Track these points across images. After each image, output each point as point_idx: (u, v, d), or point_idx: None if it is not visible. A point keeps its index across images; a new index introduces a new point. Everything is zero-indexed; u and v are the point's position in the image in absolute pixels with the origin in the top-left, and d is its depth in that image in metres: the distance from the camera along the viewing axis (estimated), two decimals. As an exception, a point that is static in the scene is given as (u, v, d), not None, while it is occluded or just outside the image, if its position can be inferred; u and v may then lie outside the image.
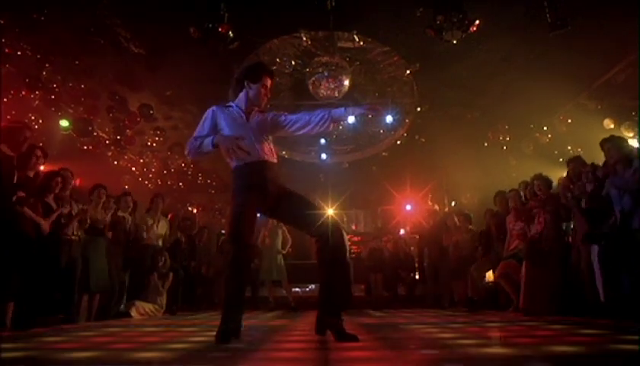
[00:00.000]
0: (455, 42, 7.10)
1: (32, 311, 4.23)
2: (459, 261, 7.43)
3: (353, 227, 15.33)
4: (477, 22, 6.80)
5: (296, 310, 7.76)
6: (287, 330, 4.10)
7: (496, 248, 6.74)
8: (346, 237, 3.09)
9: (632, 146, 4.87)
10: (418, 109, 10.83)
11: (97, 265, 5.60)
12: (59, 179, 4.86)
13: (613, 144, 4.63)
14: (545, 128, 10.94)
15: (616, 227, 4.37)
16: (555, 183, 6.09)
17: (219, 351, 2.56)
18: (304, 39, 9.50)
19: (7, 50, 7.78)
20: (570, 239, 5.80)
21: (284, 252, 8.69)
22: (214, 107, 3.35)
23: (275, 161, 3.29)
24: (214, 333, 2.96)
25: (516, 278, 5.74)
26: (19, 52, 8.00)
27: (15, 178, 4.16)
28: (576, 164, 5.60)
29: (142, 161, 12.55)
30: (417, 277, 9.19)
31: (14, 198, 4.10)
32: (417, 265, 9.21)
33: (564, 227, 5.71)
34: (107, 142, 11.09)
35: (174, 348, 2.81)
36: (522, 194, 6.40)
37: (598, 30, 7.15)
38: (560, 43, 7.33)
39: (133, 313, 6.20)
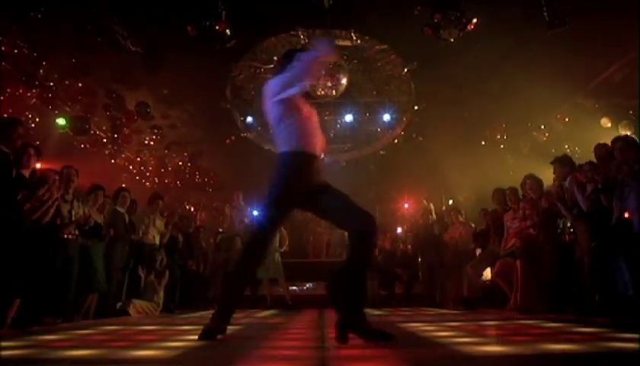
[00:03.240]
0: (452, 40, 7.12)
1: (31, 310, 4.22)
2: (455, 257, 7.46)
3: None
4: (474, 20, 6.82)
5: (292, 308, 7.77)
6: (285, 328, 4.10)
7: (493, 246, 6.74)
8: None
9: None
10: (416, 107, 10.85)
11: (95, 266, 5.58)
12: (57, 177, 4.83)
13: (625, 143, 4.61)
14: (542, 127, 10.96)
15: (615, 224, 4.36)
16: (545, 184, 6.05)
17: (216, 350, 2.56)
18: (301, 37, 9.50)
19: (3, 48, 7.75)
20: (566, 237, 5.80)
21: (282, 250, 8.70)
22: None
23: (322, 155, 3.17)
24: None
25: (514, 277, 5.75)
26: (15, 50, 7.98)
27: (14, 173, 4.12)
28: (560, 164, 5.48)
29: (139, 159, 12.53)
30: (419, 274, 9.19)
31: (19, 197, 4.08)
32: (419, 262, 9.22)
33: (560, 225, 5.71)
34: (105, 140, 11.06)
35: (171, 347, 2.81)
36: (520, 191, 6.36)
37: (595, 29, 7.16)
38: (557, 43, 7.34)
39: (131, 311, 6.20)
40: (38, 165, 4.97)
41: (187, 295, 7.87)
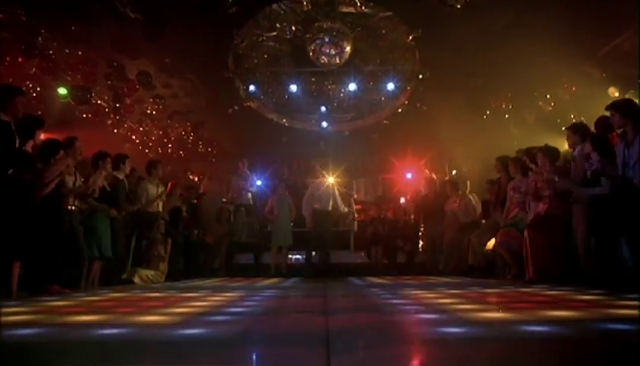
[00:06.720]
0: (459, 7, 6.95)
1: (38, 278, 4.28)
2: (454, 228, 7.50)
3: (355, 196, 15.36)
4: (482, -14, 6.64)
5: (286, 276, 7.93)
6: (289, 295, 4.16)
7: (495, 216, 6.74)
8: None
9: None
10: (420, 76, 10.69)
11: (101, 233, 5.63)
12: (62, 152, 4.80)
13: (619, 108, 4.53)
14: (548, 96, 10.79)
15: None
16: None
17: (218, 315, 2.61)
18: (304, 3, 9.30)
19: (1, 16, 7.61)
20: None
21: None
22: None
23: None
24: (214, 298, 3.01)
25: (516, 246, 5.75)
26: (14, 18, 7.84)
27: (17, 143, 4.06)
28: (572, 131, 5.40)
29: (141, 129, 12.47)
30: (420, 244, 9.27)
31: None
32: (421, 233, 9.28)
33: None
34: (107, 110, 10.99)
35: (174, 312, 2.87)
36: (525, 159, 6.21)
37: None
38: (565, 10, 7.17)
39: (136, 279, 6.29)
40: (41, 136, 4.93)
41: (193, 264, 7.96)
